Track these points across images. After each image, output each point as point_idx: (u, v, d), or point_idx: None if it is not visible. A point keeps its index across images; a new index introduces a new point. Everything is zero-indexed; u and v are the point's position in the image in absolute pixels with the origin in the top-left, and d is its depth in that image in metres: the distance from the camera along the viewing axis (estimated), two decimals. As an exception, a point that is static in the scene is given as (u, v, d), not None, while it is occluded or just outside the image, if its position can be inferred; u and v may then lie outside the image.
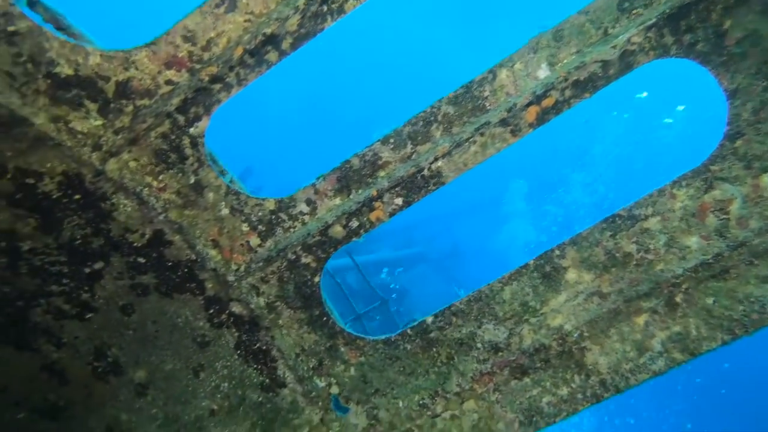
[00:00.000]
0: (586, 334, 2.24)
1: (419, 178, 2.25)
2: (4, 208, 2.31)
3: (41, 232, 2.43)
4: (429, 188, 2.27)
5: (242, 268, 2.44)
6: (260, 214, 2.38)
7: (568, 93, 2.08)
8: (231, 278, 2.45)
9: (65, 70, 2.03)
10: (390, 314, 10.15)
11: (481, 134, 2.22)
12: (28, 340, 2.80)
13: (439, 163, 2.27)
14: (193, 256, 2.48)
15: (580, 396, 2.24)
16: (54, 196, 2.32)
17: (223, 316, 2.61)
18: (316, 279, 2.47)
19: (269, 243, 2.41)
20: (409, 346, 2.46)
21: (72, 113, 2.09)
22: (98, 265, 2.57)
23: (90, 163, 2.22)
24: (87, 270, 2.58)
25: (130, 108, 2.11)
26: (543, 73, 2.05)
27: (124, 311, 2.69)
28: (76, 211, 2.37)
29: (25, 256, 2.51)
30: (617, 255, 2.18)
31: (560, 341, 2.28)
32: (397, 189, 2.27)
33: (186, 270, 2.53)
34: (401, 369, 2.48)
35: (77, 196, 2.33)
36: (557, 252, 2.30)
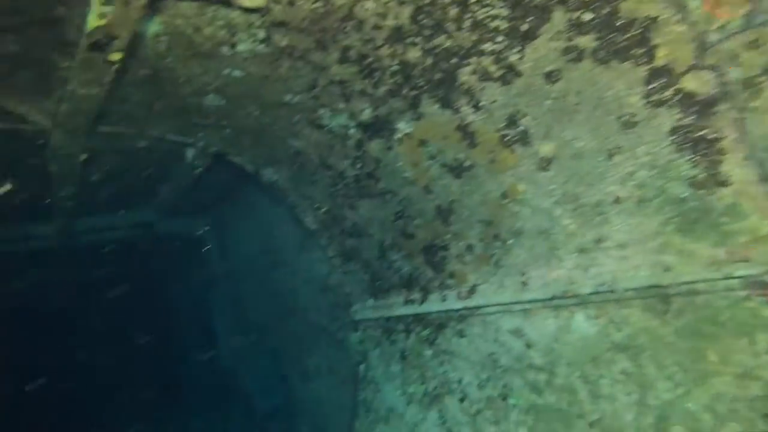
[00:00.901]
0: None
1: None
2: (473, -55, 2.27)
3: (494, -22, 2.36)
4: None
5: (727, 27, 1.96)
6: None
7: None
8: (709, 39, 2.00)
9: None
10: None
11: None
12: (450, 99, 3.01)
13: None
14: (656, 12, 2.09)
15: None
16: None
17: (667, 93, 2.25)
18: (833, 50, 1.83)
19: (778, -7, 1.83)
20: None
21: None
22: (536, 23, 2.43)
23: None
24: (524, 27, 2.48)
25: None
26: None
27: (548, 78, 2.58)
28: None
29: (471, 8, 2.53)
30: None
31: None
32: None
33: (639, 31, 2.18)
34: None
35: None
36: None
